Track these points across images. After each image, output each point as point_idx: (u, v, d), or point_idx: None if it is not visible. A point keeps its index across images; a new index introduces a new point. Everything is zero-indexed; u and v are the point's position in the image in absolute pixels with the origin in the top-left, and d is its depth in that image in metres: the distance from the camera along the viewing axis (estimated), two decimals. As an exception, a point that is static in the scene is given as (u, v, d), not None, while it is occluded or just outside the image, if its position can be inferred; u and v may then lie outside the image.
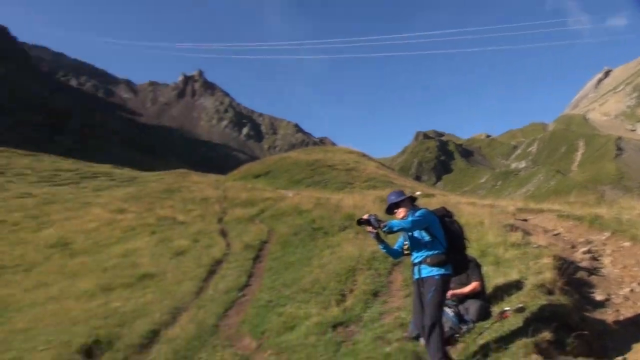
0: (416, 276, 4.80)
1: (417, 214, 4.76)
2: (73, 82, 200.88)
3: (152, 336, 7.01)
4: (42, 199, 30.14)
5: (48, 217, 21.41)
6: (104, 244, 15.56)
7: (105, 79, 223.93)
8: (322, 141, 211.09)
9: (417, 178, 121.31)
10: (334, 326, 6.24)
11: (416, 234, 4.80)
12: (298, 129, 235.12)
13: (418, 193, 7.66)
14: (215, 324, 7.33)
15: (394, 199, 4.94)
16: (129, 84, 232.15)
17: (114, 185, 42.39)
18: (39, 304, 9.40)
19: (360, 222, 4.63)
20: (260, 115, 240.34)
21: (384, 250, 4.91)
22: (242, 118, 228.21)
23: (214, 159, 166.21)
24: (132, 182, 45.38)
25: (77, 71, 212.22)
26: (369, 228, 4.57)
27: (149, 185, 36.22)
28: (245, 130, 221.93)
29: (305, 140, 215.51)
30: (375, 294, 7.41)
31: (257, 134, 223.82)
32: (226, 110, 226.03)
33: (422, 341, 4.91)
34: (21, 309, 9.13)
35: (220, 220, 18.05)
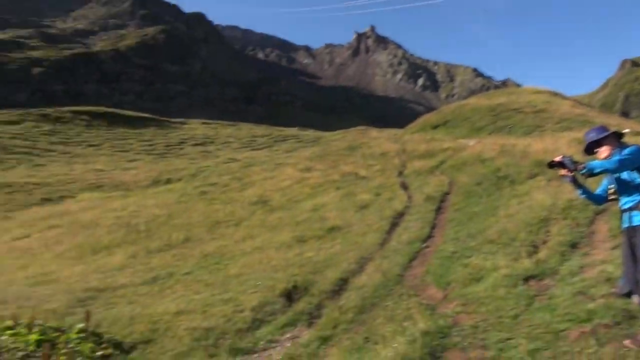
0: (626, 224, 4.13)
1: (626, 151, 4.03)
2: (260, 55, 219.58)
3: (342, 284, 7.48)
4: (244, 162, 34.16)
5: (249, 178, 24.16)
6: (296, 200, 16.94)
7: (287, 47, 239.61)
8: (504, 84, 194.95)
9: (624, 114, 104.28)
10: (526, 279, 5.82)
11: (625, 175, 4.08)
12: (477, 73, 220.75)
13: (626, 130, 6.54)
14: (400, 273, 7.48)
15: (594, 136, 4.23)
16: (307, 50, 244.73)
17: (301, 146, 45.84)
18: (247, 254, 10.76)
19: (552, 164, 4.10)
20: (435, 63, 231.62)
21: (584, 196, 4.31)
22: (416, 69, 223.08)
23: (391, 113, 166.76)
24: (317, 142, 48.42)
25: (262, 44, 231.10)
26: (563, 171, 4.03)
27: (332, 143, 38.17)
28: (420, 81, 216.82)
29: (486, 84, 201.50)
30: (573, 246, 6.68)
31: (433, 84, 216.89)
32: (400, 63, 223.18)
33: (635, 299, 4.27)
34: (233, 258, 10.58)
35: (400, 173, 18.15)
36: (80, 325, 6.10)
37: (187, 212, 17.45)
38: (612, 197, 4.23)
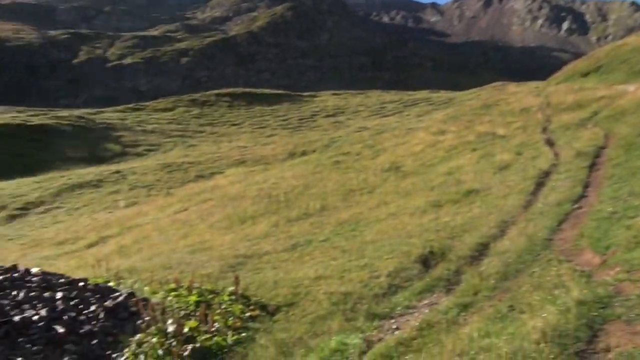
0: None
1: None
2: (385, 19, 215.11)
3: (482, 249, 7.09)
4: (375, 130, 34.15)
5: (381, 145, 24.10)
6: (429, 164, 16.52)
7: (412, 7, 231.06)
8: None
9: None
10: None
11: None
12: (637, 7, 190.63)
13: None
14: (547, 237, 6.86)
15: None
16: (434, 7, 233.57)
17: (432, 109, 44.36)
18: (381, 220, 10.76)
19: None
20: (583, 2, 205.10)
21: None
22: (560, 12, 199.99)
23: (531, 65, 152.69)
24: (449, 103, 46.45)
25: (386, 8, 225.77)
26: None
27: (466, 103, 36.32)
28: (565, 25, 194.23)
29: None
30: None
31: (580, 27, 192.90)
32: (540, 7, 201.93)
33: None
34: (368, 224, 10.66)
35: (544, 129, 16.68)
36: (231, 289, 6.65)
37: (322, 181, 17.99)
38: None
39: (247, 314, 6.00)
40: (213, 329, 5.37)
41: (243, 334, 5.47)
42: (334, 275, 7.24)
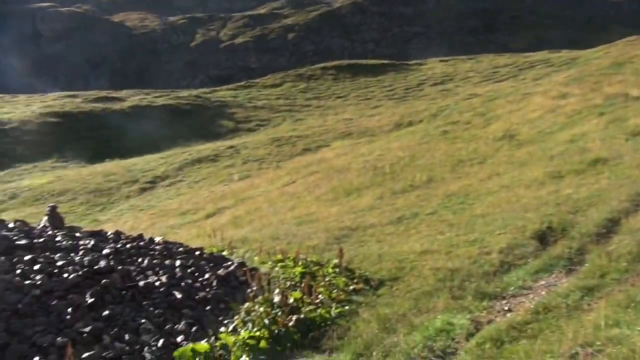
0: None
1: None
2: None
3: (611, 225, 6.35)
4: (486, 96, 32.13)
5: (493, 112, 22.70)
6: (548, 132, 15.28)
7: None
8: None
9: None
10: None
11: None
12: None
13: None
14: (694, 213, 5.94)
15: None
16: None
17: (552, 71, 40.60)
18: (493, 192, 10.13)
19: None
20: None
21: None
22: None
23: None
24: (572, 63, 42.20)
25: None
26: None
27: (592, 63, 32.79)
28: None
29: None
30: None
31: None
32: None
33: None
34: (478, 197, 10.10)
35: (691, 87, 14.47)
36: (335, 261, 6.70)
37: (429, 152, 17.44)
38: None
39: (351, 287, 6.01)
40: (317, 300, 5.45)
41: (346, 307, 5.48)
42: (441, 250, 6.97)
